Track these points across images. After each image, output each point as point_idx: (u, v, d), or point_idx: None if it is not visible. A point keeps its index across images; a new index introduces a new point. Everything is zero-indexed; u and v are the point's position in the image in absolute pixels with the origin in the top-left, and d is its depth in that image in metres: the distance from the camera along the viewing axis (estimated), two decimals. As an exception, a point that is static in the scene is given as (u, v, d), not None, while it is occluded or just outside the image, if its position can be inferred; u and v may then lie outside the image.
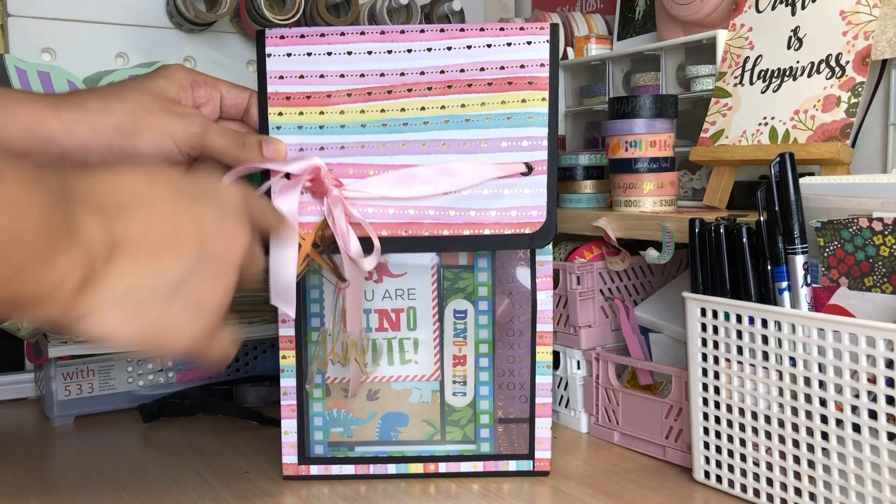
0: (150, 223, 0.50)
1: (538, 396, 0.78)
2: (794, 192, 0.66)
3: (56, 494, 0.76)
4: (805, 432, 0.65)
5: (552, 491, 0.74)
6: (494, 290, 0.78)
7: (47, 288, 0.45)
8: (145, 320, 0.50)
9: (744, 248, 0.69)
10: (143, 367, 1.02)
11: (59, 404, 0.98)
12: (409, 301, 0.78)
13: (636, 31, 1.10)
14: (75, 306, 0.47)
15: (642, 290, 0.93)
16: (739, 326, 0.69)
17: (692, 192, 0.95)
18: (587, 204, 0.97)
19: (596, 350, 0.88)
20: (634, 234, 0.83)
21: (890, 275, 0.63)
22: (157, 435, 0.93)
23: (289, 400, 0.78)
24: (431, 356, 0.79)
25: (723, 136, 0.86)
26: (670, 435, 0.80)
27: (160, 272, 0.50)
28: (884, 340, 0.58)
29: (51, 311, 0.46)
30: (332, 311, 0.76)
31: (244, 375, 1.08)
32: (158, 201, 0.51)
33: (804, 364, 0.64)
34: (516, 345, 0.79)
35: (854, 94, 0.78)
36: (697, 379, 0.73)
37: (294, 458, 0.78)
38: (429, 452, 0.79)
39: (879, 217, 0.63)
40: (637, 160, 0.86)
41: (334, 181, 0.71)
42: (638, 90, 1.01)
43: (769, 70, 0.85)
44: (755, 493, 0.70)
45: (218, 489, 0.76)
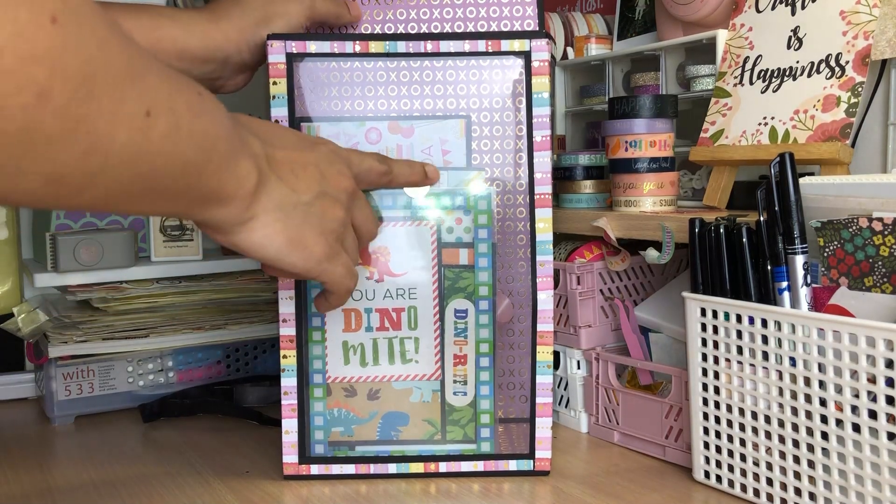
0: (286, 152, 0.61)
1: (538, 396, 0.78)
2: (793, 192, 0.66)
3: (56, 494, 0.76)
4: (805, 432, 0.65)
5: (552, 491, 0.75)
6: (495, 290, 0.78)
7: (235, 185, 0.54)
8: (289, 231, 0.59)
9: (744, 248, 0.69)
10: (143, 367, 1.02)
11: (59, 404, 0.98)
12: (409, 300, 0.78)
13: (636, 31, 1.10)
14: (248, 208, 0.56)
15: (642, 290, 0.93)
16: (739, 326, 0.69)
17: (692, 192, 0.95)
18: (587, 204, 0.97)
19: (596, 350, 0.88)
20: (634, 234, 0.83)
21: (890, 275, 0.63)
22: (157, 435, 0.93)
23: (289, 399, 0.78)
24: (432, 356, 0.79)
25: (723, 136, 0.87)
26: (670, 435, 0.80)
27: (296, 193, 0.60)
28: (884, 340, 0.58)
29: (231, 211, 0.55)
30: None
31: (244, 375, 1.08)
32: (288, 138, 0.63)
33: (804, 364, 0.64)
34: (517, 345, 0.79)
35: (854, 94, 0.78)
36: (697, 379, 0.73)
37: (294, 458, 0.78)
38: (429, 452, 0.79)
39: (879, 217, 0.63)
40: (637, 160, 0.86)
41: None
42: (638, 90, 1.01)
43: (769, 70, 0.85)
44: (755, 493, 0.70)
45: (218, 489, 0.76)
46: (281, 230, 0.59)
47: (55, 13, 0.36)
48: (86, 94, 0.39)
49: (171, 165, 0.47)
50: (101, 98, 0.40)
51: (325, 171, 0.63)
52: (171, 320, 1.03)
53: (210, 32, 0.76)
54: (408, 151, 0.78)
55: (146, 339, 1.00)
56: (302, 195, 0.61)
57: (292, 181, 0.60)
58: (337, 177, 0.64)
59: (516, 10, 0.83)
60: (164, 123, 0.45)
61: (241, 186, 0.55)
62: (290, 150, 0.61)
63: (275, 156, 0.59)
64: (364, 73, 0.78)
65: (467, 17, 0.83)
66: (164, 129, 0.45)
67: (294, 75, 0.77)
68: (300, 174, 0.61)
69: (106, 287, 1.01)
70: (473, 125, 0.78)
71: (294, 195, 0.60)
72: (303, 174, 0.61)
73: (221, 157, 0.52)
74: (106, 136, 0.41)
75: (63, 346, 0.97)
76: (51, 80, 0.36)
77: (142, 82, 0.43)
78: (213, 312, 1.05)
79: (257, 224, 0.57)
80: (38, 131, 0.37)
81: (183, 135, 0.47)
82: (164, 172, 0.47)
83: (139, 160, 0.44)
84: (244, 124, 0.57)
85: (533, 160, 0.77)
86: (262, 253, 0.59)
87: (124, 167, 0.44)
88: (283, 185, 0.59)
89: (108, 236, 0.99)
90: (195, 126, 0.48)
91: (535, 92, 0.77)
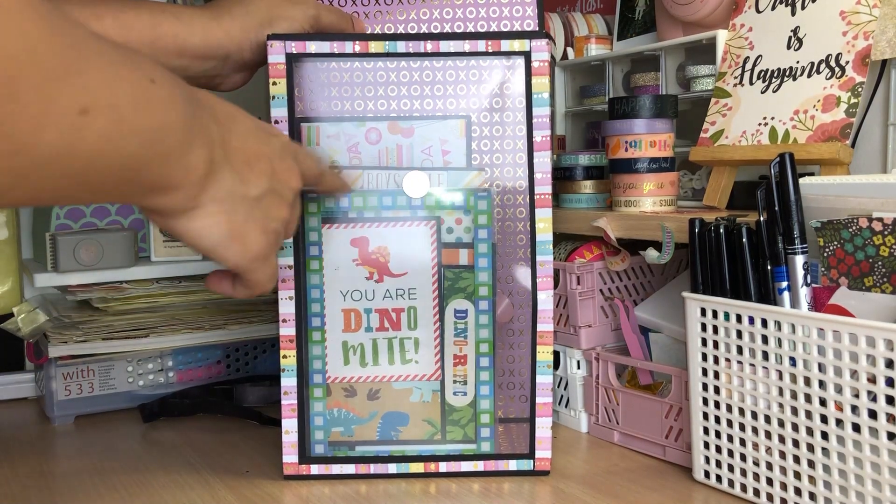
0: (243, 142, 0.58)
1: (538, 396, 0.78)
2: (793, 192, 0.66)
3: (56, 494, 0.76)
4: (805, 432, 0.65)
5: (552, 490, 0.75)
6: (495, 290, 0.78)
7: (182, 174, 0.52)
8: (233, 224, 0.57)
9: (744, 248, 0.69)
10: (143, 366, 1.02)
11: (59, 404, 0.98)
12: (409, 301, 0.78)
13: (636, 31, 1.10)
14: (194, 197, 0.54)
15: (642, 290, 0.93)
16: (739, 326, 0.69)
17: (692, 192, 0.95)
18: (587, 204, 0.97)
19: (596, 350, 0.88)
20: (634, 234, 0.83)
21: (890, 275, 0.63)
22: (157, 435, 0.93)
23: (289, 399, 0.78)
24: (432, 356, 0.79)
25: (723, 136, 0.87)
26: (670, 435, 0.80)
27: (246, 185, 0.58)
28: (884, 340, 0.58)
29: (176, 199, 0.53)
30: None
31: (244, 375, 1.08)
32: (247, 126, 0.60)
33: (804, 364, 0.64)
34: (516, 344, 0.79)
35: (854, 94, 0.78)
36: (697, 379, 0.73)
37: (295, 458, 0.78)
38: (429, 452, 0.79)
39: (879, 217, 0.63)
40: (637, 160, 0.86)
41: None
42: (638, 90, 1.01)
43: (769, 70, 0.85)
44: (755, 493, 0.70)
45: (218, 489, 0.76)
46: (224, 221, 0.56)
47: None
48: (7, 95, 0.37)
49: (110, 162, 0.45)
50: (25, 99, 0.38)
51: (276, 166, 0.61)
52: (171, 320, 1.03)
53: (212, 30, 0.76)
54: (408, 151, 0.78)
55: (146, 339, 1.00)
56: (251, 189, 0.58)
57: (245, 172, 0.58)
58: (287, 173, 0.62)
59: (516, 10, 0.83)
60: (103, 121, 0.43)
61: (189, 175, 0.52)
62: (247, 140, 0.59)
63: (231, 144, 0.57)
64: (364, 73, 0.78)
65: (467, 17, 0.83)
66: (102, 127, 0.43)
67: (294, 75, 0.77)
68: (254, 166, 0.59)
69: (106, 287, 1.01)
70: (473, 125, 0.78)
71: (244, 187, 0.57)
72: (256, 166, 0.59)
73: (170, 149, 0.50)
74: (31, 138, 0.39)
75: (63, 346, 0.97)
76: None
77: (78, 78, 0.41)
78: (213, 312, 1.05)
79: (201, 213, 0.55)
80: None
81: (125, 131, 0.45)
82: (101, 169, 0.45)
83: (72, 159, 0.43)
84: (207, 106, 0.55)
85: (533, 160, 0.77)
86: (199, 242, 0.56)
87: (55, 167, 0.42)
88: (234, 175, 0.57)
89: (108, 236, 0.99)
90: (140, 120, 0.46)
91: (535, 92, 0.77)
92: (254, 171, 0.58)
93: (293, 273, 0.77)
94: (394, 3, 0.84)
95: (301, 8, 0.79)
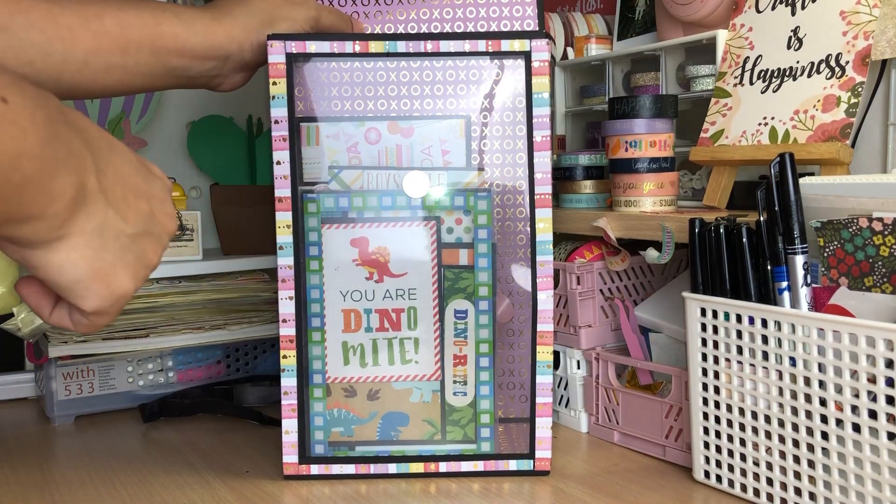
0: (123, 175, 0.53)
1: (538, 396, 0.78)
2: (793, 192, 0.66)
3: (56, 494, 0.76)
4: (805, 432, 0.65)
5: (552, 490, 0.75)
6: (495, 290, 0.78)
7: (44, 203, 0.47)
8: (101, 260, 0.52)
9: (744, 248, 0.69)
10: (143, 366, 1.02)
11: (59, 404, 0.98)
12: (409, 301, 0.78)
13: (636, 31, 1.10)
14: (59, 227, 0.48)
15: (642, 290, 0.93)
16: (739, 326, 0.69)
17: (692, 192, 0.95)
18: (587, 204, 0.97)
19: (596, 350, 0.88)
20: (634, 234, 0.83)
21: (890, 275, 0.63)
22: (157, 435, 0.93)
23: (289, 399, 0.78)
24: (432, 356, 0.79)
25: (723, 136, 0.86)
26: (670, 435, 0.80)
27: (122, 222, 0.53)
28: (884, 340, 0.58)
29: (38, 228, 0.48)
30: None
31: (244, 375, 1.08)
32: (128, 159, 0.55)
33: (804, 364, 0.64)
34: (516, 345, 0.79)
35: (854, 94, 0.78)
36: (697, 379, 0.73)
37: (295, 458, 0.78)
38: (429, 452, 0.79)
39: (879, 217, 0.63)
40: (637, 160, 0.86)
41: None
42: (638, 90, 1.01)
43: (769, 70, 0.85)
44: (755, 493, 0.70)
45: (218, 489, 0.76)
46: (89, 257, 0.51)
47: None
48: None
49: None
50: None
51: (156, 208, 0.56)
52: (171, 320, 1.03)
53: (213, 30, 0.76)
54: (407, 151, 0.78)
55: (146, 339, 1.00)
56: (128, 226, 0.53)
57: (122, 208, 0.52)
58: (165, 218, 0.57)
59: (516, 10, 0.83)
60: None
61: (53, 204, 0.47)
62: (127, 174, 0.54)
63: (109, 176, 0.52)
64: (364, 73, 0.78)
65: (467, 17, 0.83)
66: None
67: (294, 75, 0.77)
68: (132, 203, 0.53)
69: (106, 287, 1.01)
70: (473, 125, 0.78)
71: (120, 224, 0.52)
72: (134, 204, 0.54)
73: (27, 177, 0.44)
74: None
75: (63, 346, 0.97)
76: None
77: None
78: (213, 312, 1.05)
79: (64, 245, 0.49)
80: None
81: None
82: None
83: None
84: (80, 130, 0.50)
85: (533, 160, 0.77)
86: (57, 277, 0.50)
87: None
88: (109, 209, 0.51)
89: (108, 236, 0.99)
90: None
91: (535, 92, 0.77)
92: (132, 209, 0.53)
93: (293, 273, 0.77)
94: (394, 3, 0.84)
95: (302, 9, 0.80)
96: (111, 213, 0.52)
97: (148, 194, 0.56)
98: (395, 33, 0.83)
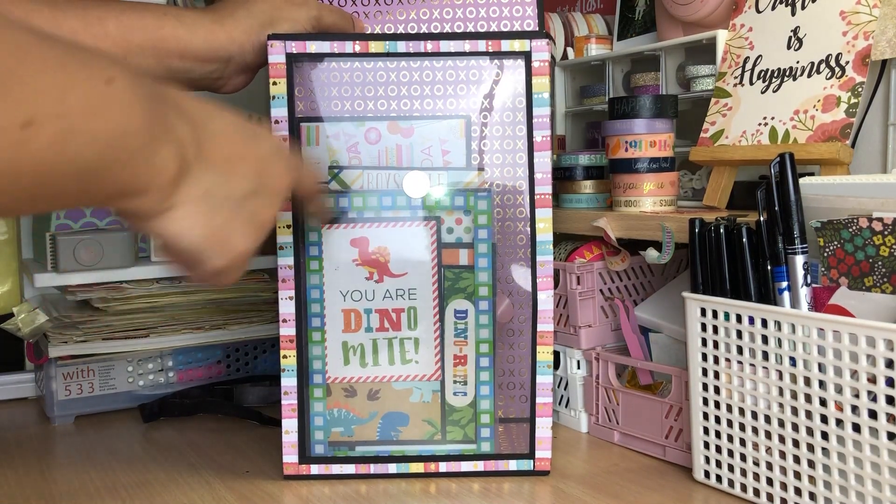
0: (223, 141, 0.56)
1: (538, 396, 0.78)
2: (794, 192, 0.66)
3: (56, 494, 0.76)
4: (805, 432, 0.65)
5: (552, 490, 0.75)
6: (495, 290, 0.78)
7: (150, 176, 0.49)
8: (213, 224, 0.55)
9: (744, 248, 0.69)
10: (143, 367, 1.02)
11: (59, 404, 0.98)
12: (409, 301, 0.78)
13: (636, 31, 1.10)
14: (167, 198, 0.52)
15: (642, 290, 0.93)
16: (739, 326, 0.69)
17: (692, 192, 0.95)
18: (587, 204, 0.97)
19: (596, 350, 0.88)
20: (634, 234, 0.83)
21: (890, 275, 0.63)
22: (157, 435, 0.93)
23: (290, 399, 0.78)
24: (432, 356, 0.79)
25: (723, 136, 0.87)
26: (670, 435, 0.80)
27: (228, 185, 0.56)
28: (884, 340, 0.58)
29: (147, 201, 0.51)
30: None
31: (244, 375, 1.08)
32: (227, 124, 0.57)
33: (804, 364, 0.64)
34: (517, 345, 0.79)
35: (854, 94, 0.78)
36: (697, 379, 0.73)
37: (295, 458, 0.78)
38: (429, 452, 0.79)
39: (879, 217, 0.63)
40: (637, 160, 0.86)
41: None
42: (638, 90, 1.01)
43: (769, 70, 0.85)
44: (755, 493, 0.70)
45: (218, 489, 0.76)
46: (202, 223, 0.54)
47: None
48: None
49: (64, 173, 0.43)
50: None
51: (265, 167, 0.59)
52: (171, 320, 1.03)
53: (214, 32, 0.76)
54: (407, 151, 0.78)
55: (146, 339, 1.00)
56: (235, 188, 0.56)
57: (226, 172, 0.55)
58: (276, 176, 0.60)
59: (516, 10, 0.83)
60: (50, 131, 0.40)
61: (158, 177, 0.50)
62: (229, 138, 0.57)
63: (208, 142, 0.54)
64: (364, 73, 0.78)
65: (467, 17, 0.83)
66: (49, 138, 0.40)
67: (294, 75, 0.77)
68: (236, 166, 0.56)
69: (106, 287, 1.01)
70: (473, 125, 0.78)
71: (226, 187, 0.55)
72: (239, 166, 0.57)
73: (132, 153, 0.47)
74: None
75: (63, 346, 0.97)
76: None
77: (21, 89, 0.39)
78: (213, 312, 1.05)
79: (177, 214, 0.53)
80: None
81: (78, 140, 0.42)
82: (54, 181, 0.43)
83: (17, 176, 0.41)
84: (175, 105, 0.52)
85: (533, 160, 0.77)
86: (177, 243, 0.54)
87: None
88: (213, 174, 0.54)
89: (108, 236, 0.99)
90: (94, 126, 0.43)
91: (535, 92, 0.77)
92: (237, 171, 0.56)
93: (293, 273, 0.77)
94: (394, 3, 0.84)
95: (303, 9, 0.79)
96: (215, 179, 0.54)
97: (253, 155, 0.58)
98: (395, 33, 0.83)
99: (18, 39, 0.39)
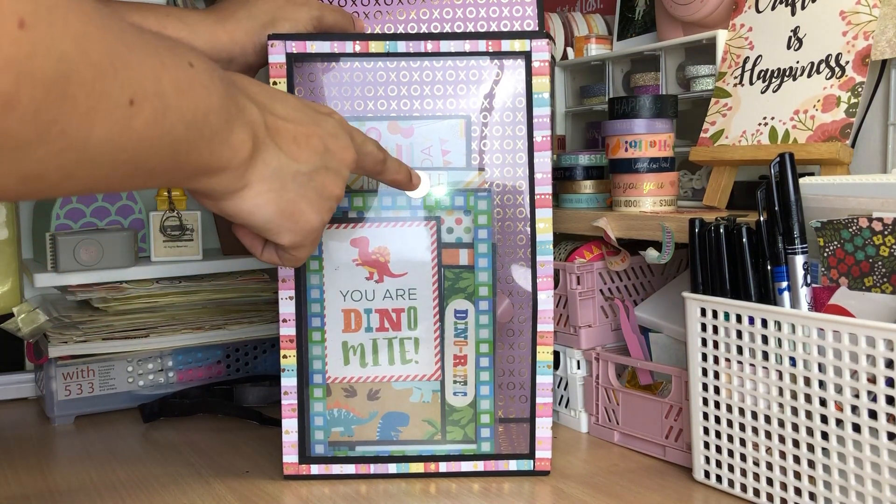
0: (289, 121, 0.59)
1: (538, 396, 0.78)
2: (793, 192, 0.66)
3: (56, 494, 0.76)
4: (805, 432, 0.65)
5: (552, 490, 0.75)
6: (495, 290, 0.78)
7: (227, 155, 0.53)
8: (284, 200, 0.58)
9: (744, 248, 0.69)
10: (143, 366, 1.02)
11: (59, 404, 0.98)
12: (409, 301, 0.78)
13: (636, 31, 1.10)
14: (241, 177, 0.55)
15: (642, 290, 0.93)
16: (739, 326, 0.69)
17: (692, 192, 0.95)
18: (587, 204, 0.97)
19: (596, 350, 0.88)
20: (634, 234, 0.83)
21: (890, 275, 0.63)
22: (157, 435, 0.93)
23: (290, 399, 0.78)
24: (432, 356, 0.79)
25: (723, 136, 0.87)
26: (670, 435, 0.80)
27: (296, 162, 0.59)
28: (884, 340, 0.58)
29: (224, 180, 0.54)
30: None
31: (244, 375, 1.08)
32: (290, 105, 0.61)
33: (804, 364, 0.64)
34: (517, 345, 0.79)
35: (854, 94, 0.78)
36: (697, 379, 0.73)
37: (295, 458, 0.78)
38: (429, 452, 0.79)
39: (879, 217, 0.63)
40: (637, 160, 0.86)
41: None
42: (638, 90, 1.01)
43: (769, 70, 0.85)
44: (755, 493, 0.70)
45: (218, 489, 0.76)
46: (273, 200, 0.58)
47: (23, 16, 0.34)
48: (58, 94, 0.37)
49: (159, 148, 0.46)
50: (76, 96, 0.38)
51: (329, 143, 0.62)
52: (171, 320, 1.03)
53: (216, 33, 0.76)
54: (407, 151, 0.78)
55: (146, 339, 1.00)
56: (302, 165, 0.59)
57: (293, 150, 0.59)
58: (341, 151, 0.63)
59: (516, 10, 0.83)
60: (150, 109, 0.44)
61: (235, 156, 0.54)
62: (293, 118, 0.60)
63: (275, 123, 0.58)
64: (364, 73, 0.78)
65: (467, 17, 0.83)
66: (149, 116, 0.44)
67: (294, 75, 0.77)
68: (302, 143, 0.59)
69: (106, 287, 1.01)
70: (473, 125, 0.78)
71: (294, 164, 0.59)
72: (305, 144, 0.60)
73: (213, 131, 0.51)
74: (82, 133, 0.40)
75: (63, 346, 0.97)
76: (17, 86, 0.35)
77: (125, 70, 0.42)
78: (213, 312, 1.05)
79: (250, 192, 0.56)
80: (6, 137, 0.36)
81: (171, 116, 0.46)
82: (150, 156, 0.46)
83: (122, 150, 0.43)
84: (242, 88, 0.56)
85: (533, 160, 0.77)
86: (251, 221, 0.58)
87: (105, 158, 0.43)
88: (281, 153, 0.58)
89: (108, 236, 0.99)
90: (183, 104, 0.47)
91: (535, 92, 0.77)
92: (303, 149, 0.59)
93: (293, 273, 0.77)
94: (394, 3, 0.84)
95: (304, 9, 0.80)
96: (283, 157, 0.58)
97: (318, 132, 0.61)
98: (395, 33, 0.83)
99: (121, 27, 0.42)
